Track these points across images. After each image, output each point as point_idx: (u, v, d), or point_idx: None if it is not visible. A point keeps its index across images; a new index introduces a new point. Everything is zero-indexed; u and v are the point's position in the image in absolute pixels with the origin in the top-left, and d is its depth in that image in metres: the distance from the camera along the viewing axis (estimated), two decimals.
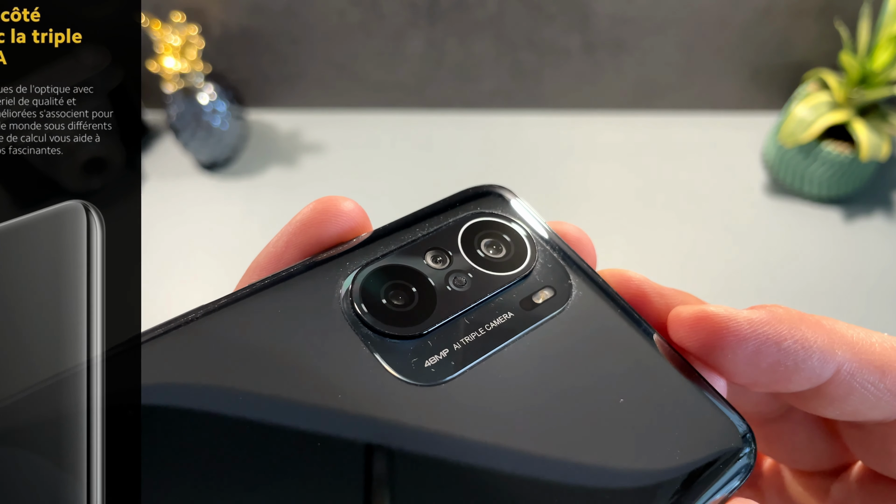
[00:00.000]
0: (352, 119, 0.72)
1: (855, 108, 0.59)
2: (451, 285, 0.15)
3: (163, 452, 0.11)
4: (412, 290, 0.15)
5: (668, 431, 0.13)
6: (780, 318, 0.14)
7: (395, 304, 0.14)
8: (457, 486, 0.12)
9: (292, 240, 0.15)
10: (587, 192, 0.65)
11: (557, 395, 0.14)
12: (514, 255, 0.16)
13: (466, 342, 0.14)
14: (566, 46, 0.67)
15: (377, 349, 0.13)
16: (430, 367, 0.13)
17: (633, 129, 0.71)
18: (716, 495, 0.13)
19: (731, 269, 0.58)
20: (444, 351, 0.14)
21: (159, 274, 0.59)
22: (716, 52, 0.68)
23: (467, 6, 0.64)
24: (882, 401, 0.14)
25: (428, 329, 0.14)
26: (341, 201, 0.15)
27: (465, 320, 0.14)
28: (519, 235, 0.16)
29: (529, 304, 0.15)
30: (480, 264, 0.15)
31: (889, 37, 0.56)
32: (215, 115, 0.63)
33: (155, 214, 0.64)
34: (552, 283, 0.15)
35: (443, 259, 0.15)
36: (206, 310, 0.13)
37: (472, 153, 0.69)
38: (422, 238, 0.16)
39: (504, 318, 0.15)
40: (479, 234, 0.16)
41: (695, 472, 0.13)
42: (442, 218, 0.16)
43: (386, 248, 0.15)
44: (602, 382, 0.14)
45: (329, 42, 0.68)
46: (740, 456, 0.13)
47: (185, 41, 0.60)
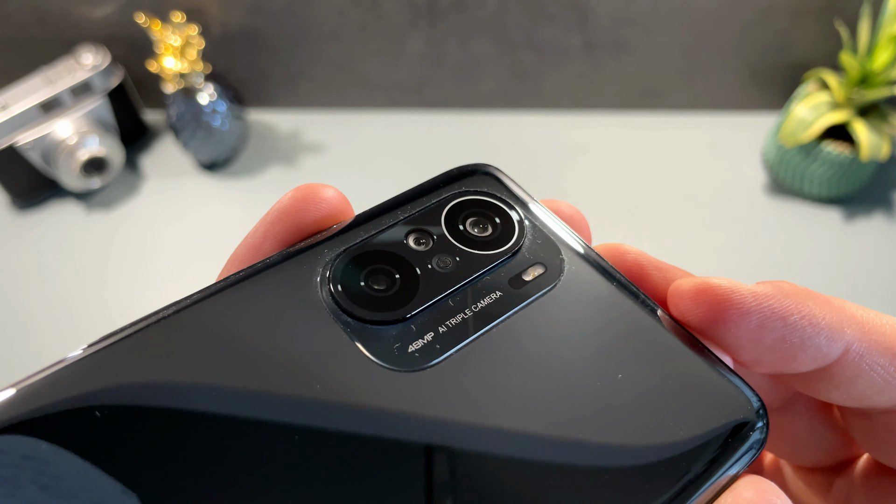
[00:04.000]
0: (352, 119, 0.72)
1: (855, 108, 0.59)
2: (435, 267, 0.14)
3: (144, 447, 0.11)
4: (393, 274, 0.14)
5: (675, 406, 0.13)
6: (786, 293, 0.13)
7: (375, 289, 0.14)
8: (442, 473, 0.12)
9: (270, 229, 0.14)
10: (587, 192, 0.65)
11: (552, 374, 0.13)
12: (501, 233, 0.15)
13: (452, 324, 0.14)
14: (566, 46, 0.67)
15: (357, 336, 0.13)
16: (413, 352, 0.13)
17: (633, 129, 0.71)
18: (729, 471, 0.12)
19: (730, 269, 0.58)
20: (429, 335, 0.13)
21: (159, 274, 0.59)
22: (716, 52, 0.68)
23: (467, 6, 0.64)
24: (891, 385, 0.13)
25: (410, 313, 0.14)
26: (321, 188, 0.14)
27: (450, 302, 0.14)
28: (505, 212, 0.16)
29: (519, 283, 0.14)
30: (465, 244, 0.15)
31: (889, 37, 0.56)
32: (215, 115, 0.63)
33: (155, 214, 0.64)
34: (542, 259, 0.15)
35: (426, 241, 0.15)
36: (180, 305, 0.13)
37: (472, 153, 0.69)
38: (403, 220, 0.15)
39: (492, 298, 0.14)
40: (464, 213, 0.15)
41: (707, 448, 0.12)
42: (425, 199, 0.16)
43: (366, 233, 0.15)
44: (601, 359, 0.13)
45: (329, 42, 0.68)
46: (754, 430, 0.13)
47: (185, 41, 0.60)
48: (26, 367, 0.55)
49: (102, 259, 0.60)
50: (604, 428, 0.12)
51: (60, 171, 0.61)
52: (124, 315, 0.56)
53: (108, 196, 0.66)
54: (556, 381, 0.13)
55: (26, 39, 0.67)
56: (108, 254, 0.61)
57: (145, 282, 0.58)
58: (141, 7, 0.64)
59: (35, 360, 0.53)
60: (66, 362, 0.12)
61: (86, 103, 0.63)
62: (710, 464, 0.12)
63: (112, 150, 0.63)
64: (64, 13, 0.65)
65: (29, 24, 0.66)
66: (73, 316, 0.56)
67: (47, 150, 0.62)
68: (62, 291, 0.58)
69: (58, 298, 0.57)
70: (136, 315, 0.13)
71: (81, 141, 0.61)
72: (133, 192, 0.66)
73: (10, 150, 0.61)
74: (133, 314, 0.52)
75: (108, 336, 0.12)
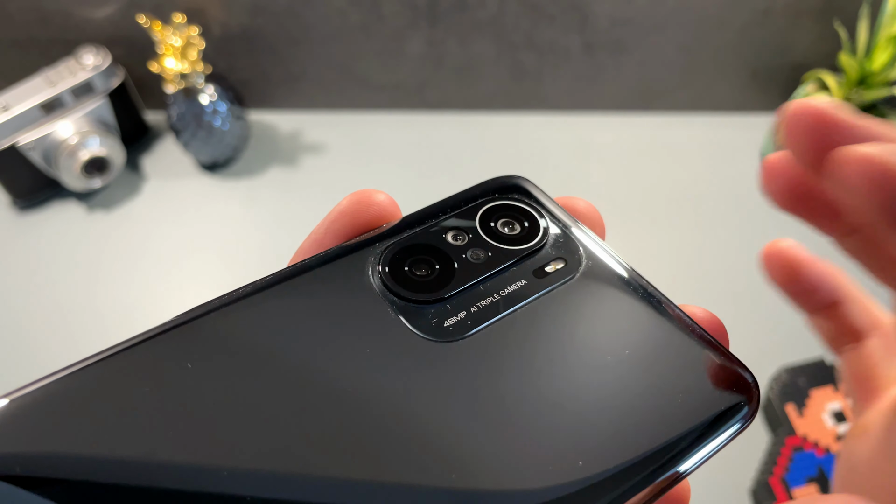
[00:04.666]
0: (352, 119, 0.73)
1: (854, 108, 0.59)
2: (469, 258, 0.17)
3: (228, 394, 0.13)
4: (433, 263, 0.17)
5: (673, 381, 0.15)
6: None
7: (417, 274, 0.16)
8: (469, 434, 0.14)
9: (331, 227, 0.17)
10: (587, 192, 0.65)
11: (567, 349, 0.15)
12: (528, 232, 0.18)
13: (482, 305, 0.16)
14: (566, 47, 0.68)
15: (402, 313, 0.15)
16: (448, 327, 0.15)
17: (632, 129, 0.71)
18: (724, 436, 0.14)
19: (730, 269, 0.58)
20: (462, 313, 0.16)
21: (159, 274, 0.59)
22: (715, 52, 0.68)
23: (467, 7, 0.65)
24: None
25: (446, 295, 0.16)
26: (375, 193, 0.17)
27: (481, 287, 0.16)
28: (532, 215, 0.18)
29: (541, 274, 0.17)
30: (496, 240, 0.17)
31: (888, 37, 0.56)
32: (216, 116, 0.63)
33: (156, 214, 0.64)
34: (563, 255, 0.17)
35: (462, 237, 0.17)
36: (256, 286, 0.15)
37: (472, 153, 0.69)
38: (443, 220, 0.18)
39: (517, 286, 0.16)
40: (496, 215, 0.18)
41: (702, 424, 0.14)
42: (463, 204, 0.18)
43: (411, 230, 0.17)
44: (611, 338, 0.15)
45: (329, 43, 0.68)
46: (745, 405, 0.15)
47: (186, 42, 0.60)
48: (26, 368, 0.55)
49: (103, 259, 0.60)
50: (610, 394, 0.14)
51: (61, 172, 0.62)
52: (125, 315, 0.56)
53: (109, 196, 0.66)
54: (570, 356, 0.15)
55: (28, 40, 0.67)
56: (109, 254, 0.61)
57: (146, 281, 0.59)
58: (142, 8, 0.64)
59: (35, 360, 0.53)
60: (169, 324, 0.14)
61: (87, 104, 0.63)
62: (710, 430, 0.14)
63: (113, 151, 0.63)
64: (65, 14, 0.65)
65: (30, 24, 0.66)
66: (74, 315, 0.56)
67: (48, 150, 0.62)
68: (63, 291, 0.58)
69: (59, 298, 0.58)
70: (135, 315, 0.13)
71: (82, 141, 0.61)
72: (134, 193, 0.66)
73: (12, 151, 0.61)
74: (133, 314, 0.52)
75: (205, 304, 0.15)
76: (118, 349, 0.14)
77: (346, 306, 0.15)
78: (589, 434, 0.14)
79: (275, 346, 0.14)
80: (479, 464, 0.13)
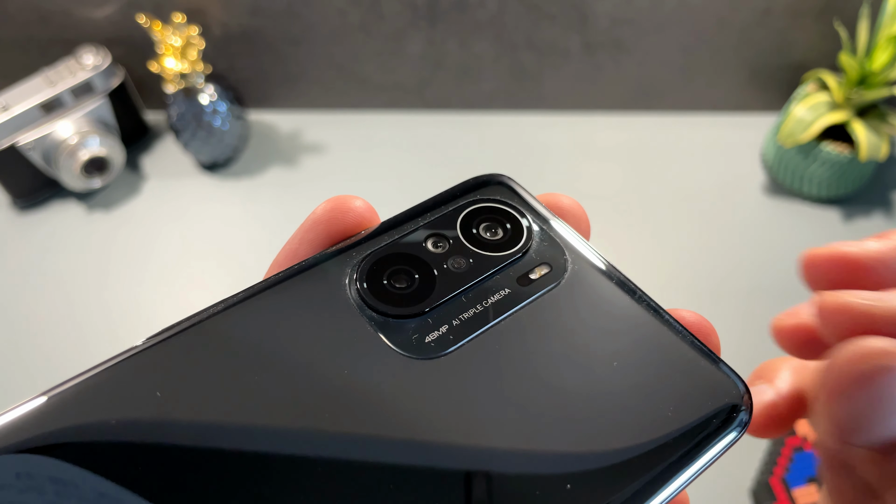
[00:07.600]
0: (352, 119, 0.72)
1: (854, 108, 0.59)
2: (451, 267, 0.16)
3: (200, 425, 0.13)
4: (413, 274, 0.16)
5: (664, 391, 0.14)
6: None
7: (396, 287, 0.15)
8: (450, 445, 0.13)
9: (305, 236, 0.16)
10: (586, 192, 0.65)
11: (554, 361, 0.15)
12: (511, 237, 0.17)
13: (464, 318, 0.15)
14: (566, 47, 0.68)
15: (381, 329, 0.15)
16: (429, 343, 0.15)
17: (632, 129, 0.71)
18: (718, 447, 0.14)
19: (730, 269, 0.58)
20: (444, 327, 0.15)
21: (160, 274, 0.59)
22: (715, 52, 0.68)
23: (467, 7, 0.65)
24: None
25: (427, 308, 0.15)
26: (351, 199, 0.16)
27: (463, 299, 0.16)
28: (515, 218, 0.17)
29: (526, 281, 0.16)
30: (478, 247, 0.17)
31: (888, 37, 0.56)
32: (216, 116, 0.63)
33: (156, 214, 0.64)
34: (548, 259, 0.16)
35: (442, 244, 0.17)
36: (227, 303, 0.15)
37: (472, 153, 0.69)
38: (422, 226, 0.17)
39: (501, 295, 0.16)
40: (477, 219, 0.17)
41: (698, 428, 0.14)
42: (443, 207, 0.17)
43: (389, 238, 0.16)
44: (599, 347, 0.15)
45: (329, 43, 0.68)
46: (739, 411, 0.14)
47: (186, 42, 0.60)
48: (27, 368, 0.55)
49: (103, 259, 0.60)
50: (600, 407, 0.14)
51: (61, 172, 0.62)
52: (125, 315, 0.56)
53: (109, 196, 0.66)
54: (557, 367, 0.14)
55: (27, 40, 0.67)
56: (109, 254, 0.61)
57: (146, 281, 0.59)
58: (142, 8, 0.64)
59: (36, 360, 0.53)
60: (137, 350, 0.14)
61: (87, 104, 0.63)
62: (701, 442, 0.14)
63: (113, 151, 0.63)
64: (65, 14, 0.65)
65: (30, 24, 0.66)
66: (74, 316, 0.56)
67: (48, 150, 0.62)
68: (63, 291, 0.58)
69: (59, 298, 0.58)
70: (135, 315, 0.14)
71: (82, 141, 0.61)
72: (134, 193, 0.66)
73: (12, 150, 0.61)
74: (134, 314, 0.52)
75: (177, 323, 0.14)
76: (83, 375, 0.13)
77: (323, 323, 0.15)
78: (577, 458, 0.13)
79: (247, 368, 0.14)
80: (466, 491, 0.13)
